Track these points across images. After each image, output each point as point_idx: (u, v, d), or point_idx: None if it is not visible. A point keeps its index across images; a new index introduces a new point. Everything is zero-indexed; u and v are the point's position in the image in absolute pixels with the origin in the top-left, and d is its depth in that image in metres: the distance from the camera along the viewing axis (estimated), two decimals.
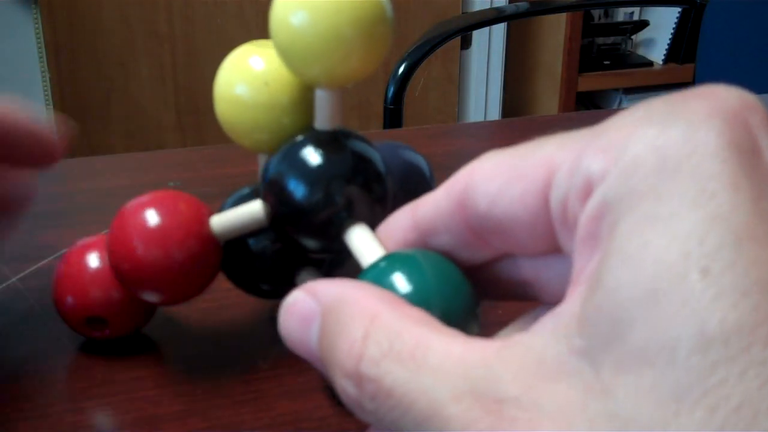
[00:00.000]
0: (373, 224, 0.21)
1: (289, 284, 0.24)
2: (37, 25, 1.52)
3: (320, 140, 0.22)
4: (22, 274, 0.28)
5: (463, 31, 1.24)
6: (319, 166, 0.21)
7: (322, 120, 0.22)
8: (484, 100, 1.91)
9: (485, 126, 0.68)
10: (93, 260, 0.24)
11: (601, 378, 0.12)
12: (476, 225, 0.18)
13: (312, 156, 0.21)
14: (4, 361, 0.24)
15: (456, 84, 1.82)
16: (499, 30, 1.83)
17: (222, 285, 0.24)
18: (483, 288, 0.19)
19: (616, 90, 1.96)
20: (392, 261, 0.17)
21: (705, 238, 0.12)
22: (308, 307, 0.17)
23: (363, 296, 0.16)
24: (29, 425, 0.21)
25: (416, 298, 0.16)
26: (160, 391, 0.23)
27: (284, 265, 0.24)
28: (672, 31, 1.90)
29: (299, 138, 0.22)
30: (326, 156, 0.21)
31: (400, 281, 0.17)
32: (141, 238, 0.22)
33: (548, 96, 1.91)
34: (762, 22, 1.03)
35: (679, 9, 1.86)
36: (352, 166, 0.21)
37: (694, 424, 0.11)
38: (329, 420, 0.22)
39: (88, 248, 0.25)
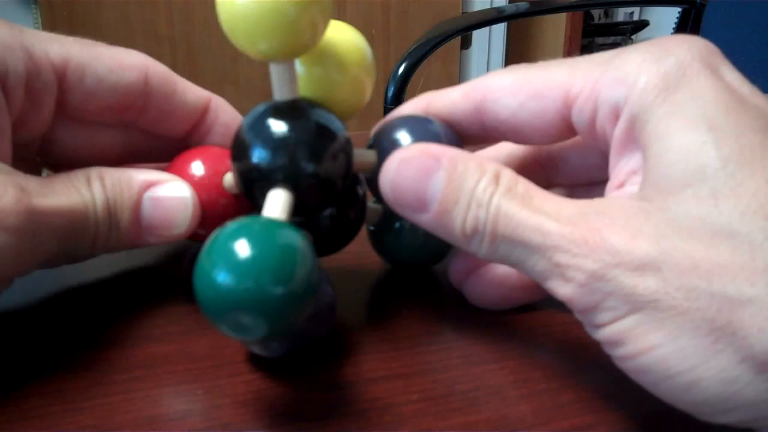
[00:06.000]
0: (325, 189, 0.24)
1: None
2: (37, 25, 1.52)
3: (280, 110, 0.23)
4: None
5: (463, 31, 1.24)
6: (282, 133, 0.23)
7: (280, 91, 0.24)
8: None
9: None
10: (197, 168, 0.27)
11: (658, 205, 0.20)
12: (491, 127, 0.26)
13: (275, 125, 0.23)
14: (4, 361, 0.24)
15: (456, 84, 1.82)
16: (499, 30, 1.83)
17: None
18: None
19: None
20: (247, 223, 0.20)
21: (706, 113, 0.20)
22: (428, 162, 0.22)
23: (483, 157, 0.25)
24: (29, 425, 0.21)
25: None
26: (160, 391, 0.23)
27: None
28: (672, 31, 1.90)
29: (260, 108, 0.24)
30: (288, 123, 0.23)
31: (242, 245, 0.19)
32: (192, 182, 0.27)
33: None
34: (762, 22, 1.03)
35: (679, 9, 1.86)
36: (314, 131, 0.23)
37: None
38: (329, 420, 0.22)
39: (192, 156, 0.28)
